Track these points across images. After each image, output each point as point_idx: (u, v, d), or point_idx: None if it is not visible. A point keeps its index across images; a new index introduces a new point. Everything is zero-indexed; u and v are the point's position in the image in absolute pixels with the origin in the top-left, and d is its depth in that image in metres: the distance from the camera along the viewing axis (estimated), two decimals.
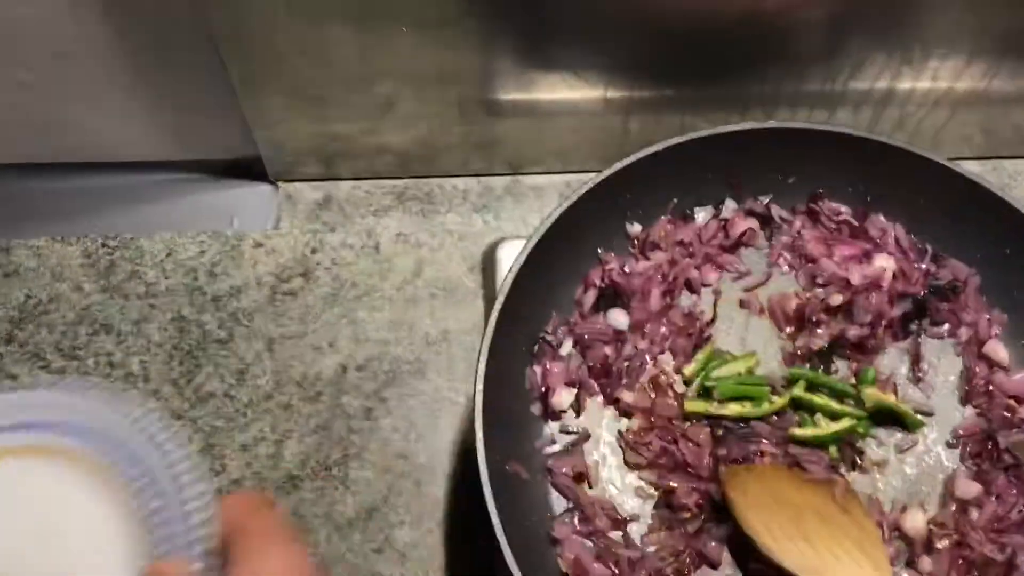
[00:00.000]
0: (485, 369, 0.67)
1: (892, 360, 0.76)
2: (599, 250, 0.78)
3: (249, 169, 0.91)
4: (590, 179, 0.74)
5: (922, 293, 0.76)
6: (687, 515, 0.69)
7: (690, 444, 0.70)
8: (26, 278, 0.86)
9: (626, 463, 0.72)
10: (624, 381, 0.74)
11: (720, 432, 0.71)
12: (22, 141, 0.87)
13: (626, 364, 0.74)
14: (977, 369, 0.75)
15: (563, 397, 0.73)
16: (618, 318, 0.76)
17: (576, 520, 0.70)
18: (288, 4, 0.71)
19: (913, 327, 0.76)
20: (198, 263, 0.87)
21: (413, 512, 0.78)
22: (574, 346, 0.75)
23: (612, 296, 0.77)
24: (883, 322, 0.75)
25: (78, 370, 0.82)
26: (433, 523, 0.77)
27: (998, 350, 0.75)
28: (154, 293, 0.85)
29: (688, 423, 0.72)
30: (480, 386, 0.66)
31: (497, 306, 0.69)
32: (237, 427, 0.80)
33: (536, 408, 0.73)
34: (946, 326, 0.76)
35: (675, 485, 0.70)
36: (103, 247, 0.87)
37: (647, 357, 0.75)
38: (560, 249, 0.75)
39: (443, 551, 0.77)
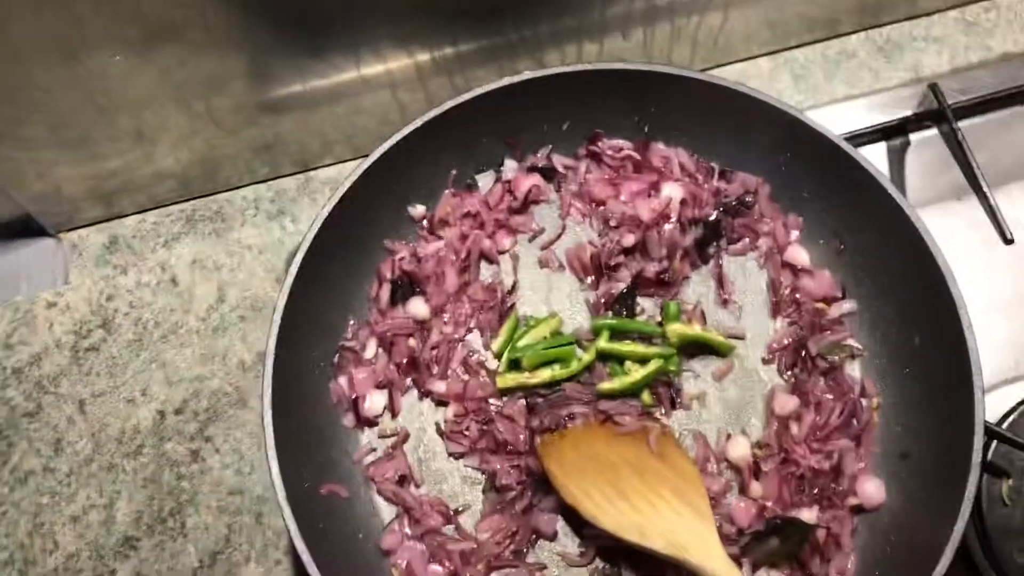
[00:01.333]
0: (272, 397, 0.65)
1: (697, 288, 0.75)
2: (386, 241, 0.75)
3: (26, 227, 0.86)
4: (351, 172, 0.70)
5: (714, 214, 0.75)
6: (513, 494, 0.68)
7: (505, 421, 0.69)
8: None
9: (448, 453, 0.71)
10: (435, 371, 0.72)
11: (535, 402, 0.70)
12: None
13: (434, 353, 0.72)
14: (782, 278, 0.74)
15: (375, 401, 0.71)
16: (417, 307, 0.73)
17: (406, 525, 0.68)
18: None
19: (712, 250, 0.75)
20: None
21: (257, 547, 0.76)
22: (378, 346, 0.73)
23: (408, 286, 0.74)
24: (679, 252, 0.73)
25: None
26: (280, 553, 0.76)
27: (799, 254, 0.74)
28: None
29: (503, 399, 0.70)
30: (268, 417, 0.64)
31: (274, 326, 0.66)
32: (63, 499, 0.77)
33: (348, 420, 0.71)
34: (744, 241, 0.75)
35: (497, 466, 0.68)
36: None
37: (454, 340, 0.73)
38: (344, 249, 0.72)
39: None
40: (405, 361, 0.72)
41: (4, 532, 0.77)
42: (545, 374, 0.71)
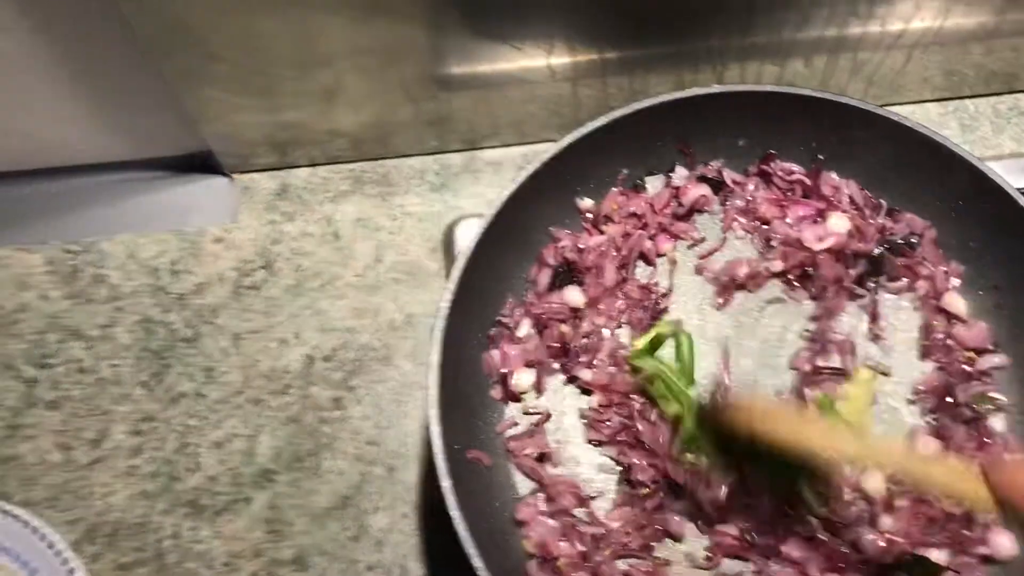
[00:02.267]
0: (440, 358, 0.68)
1: (850, 319, 0.76)
2: (551, 228, 0.78)
3: (204, 163, 0.90)
4: (536, 159, 0.73)
5: (878, 249, 0.76)
6: (646, 491, 0.70)
7: (645, 422, 0.71)
8: None
9: (588, 440, 0.73)
10: (582, 359, 0.74)
11: None
12: None
13: (584, 341, 0.75)
14: (935, 323, 0.75)
15: (523, 378, 0.74)
16: (573, 295, 0.76)
17: (540, 501, 0.71)
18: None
19: (870, 284, 0.76)
20: (160, 263, 0.87)
21: (387, 498, 0.79)
22: (531, 327, 0.76)
23: (567, 273, 0.77)
24: (839, 283, 0.74)
25: (49, 379, 0.83)
26: (407, 508, 0.79)
27: (956, 302, 0.75)
28: (119, 296, 0.86)
29: (644, 400, 0.72)
30: (434, 377, 0.67)
31: (448, 293, 0.69)
32: (209, 425, 0.82)
33: (496, 392, 0.74)
34: (903, 281, 0.76)
35: (635, 461, 0.70)
36: (66, 252, 0.88)
37: (604, 332, 0.75)
38: (512, 230, 0.75)
39: (419, 535, 0.78)
40: (556, 345, 0.75)
41: (153, 446, 0.81)
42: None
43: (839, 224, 0.76)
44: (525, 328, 0.76)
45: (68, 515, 0.79)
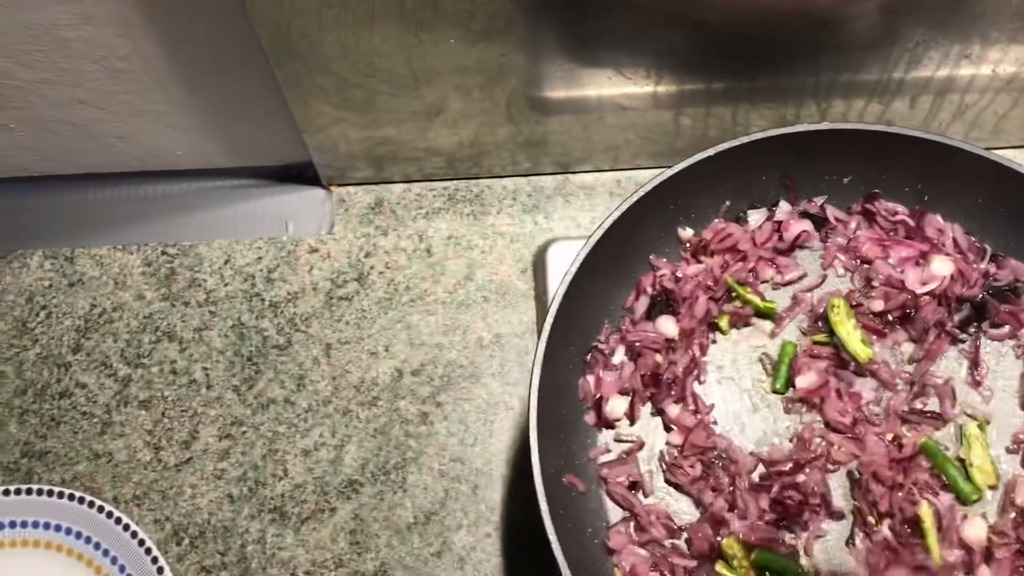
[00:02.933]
0: (540, 381, 0.68)
1: (950, 364, 0.75)
2: (651, 256, 0.78)
3: (302, 174, 0.92)
4: (641, 186, 0.73)
5: (981, 295, 0.75)
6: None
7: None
8: (90, 287, 0.88)
9: (666, 481, 0.73)
10: (673, 392, 0.74)
11: None
12: (83, 153, 0.89)
13: (675, 374, 0.74)
14: None
15: (616, 405, 0.74)
16: (667, 325, 0.76)
17: (631, 529, 0.71)
18: (334, 11, 0.71)
19: (972, 329, 0.75)
20: (255, 269, 0.88)
21: (470, 516, 0.79)
22: (626, 354, 0.76)
23: (664, 303, 0.77)
24: (941, 328, 0.74)
25: (143, 378, 0.85)
26: (490, 527, 0.79)
27: None
28: (214, 300, 0.87)
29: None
30: (534, 400, 0.67)
31: (550, 316, 0.70)
32: (298, 432, 0.82)
33: (590, 417, 0.74)
34: (1006, 328, 0.75)
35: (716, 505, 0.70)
36: (163, 255, 0.89)
37: (694, 366, 0.75)
38: (612, 255, 0.75)
39: (501, 555, 0.78)
40: (649, 374, 0.75)
41: (241, 450, 0.82)
42: None
43: (942, 268, 0.75)
44: (620, 355, 0.76)
45: (155, 514, 0.80)
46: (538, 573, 0.77)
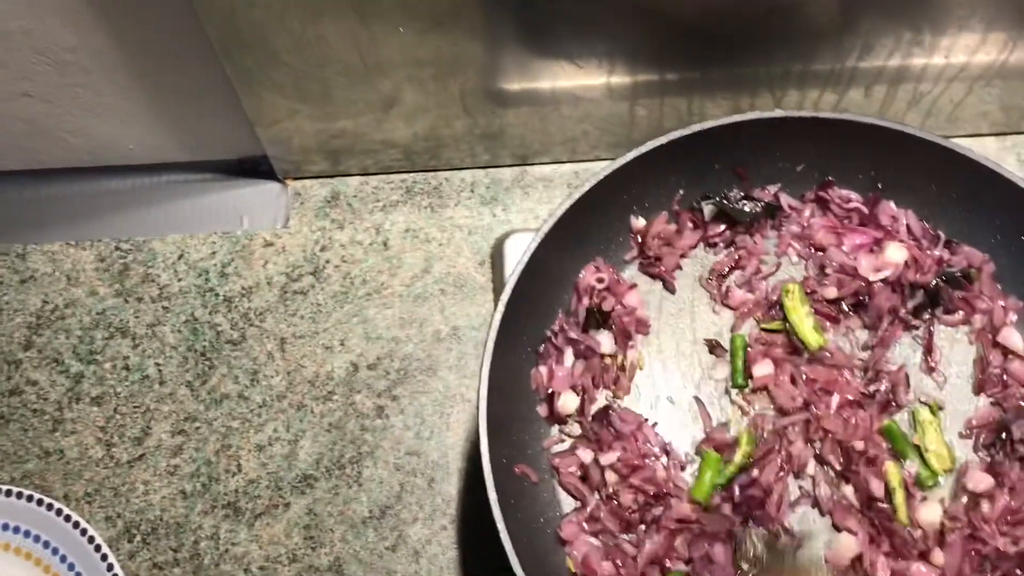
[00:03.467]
0: (489, 372, 0.67)
1: (903, 351, 0.75)
2: (590, 263, 0.77)
3: (257, 168, 0.91)
4: (592, 176, 0.73)
5: (935, 282, 0.75)
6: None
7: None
8: (42, 283, 0.87)
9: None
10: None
11: None
12: (31, 148, 0.87)
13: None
14: (991, 358, 0.73)
15: (568, 401, 0.73)
16: (605, 341, 0.75)
17: (583, 519, 0.70)
18: (282, 3, 0.71)
19: (926, 316, 0.75)
20: (210, 264, 0.87)
21: (426, 509, 0.79)
22: (574, 355, 0.75)
23: (601, 315, 0.76)
24: (894, 315, 0.74)
25: (95, 374, 0.83)
26: (446, 520, 0.78)
27: (1013, 338, 0.73)
28: (167, 295, 0.86)
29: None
30: (484, 390, 0.66)
31: (501, 306, 0.69)
32: (252, 427, 0.82)
33: (542, 409, 0.73)
34: (959, 314, 0.75)
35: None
36: (116, 250, 0.88)
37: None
38: (565, 245, 0.74)
39: (457, 547, 0.78)
40: (598, 374, 0.74)
41: (194, 446, 0.81)
42: None
43: (896, 254, 0.75)
44: (570, 356, 0.75)
45: (107, 511, 0.79)
46: (494, 565, 0.76)
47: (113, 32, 0.75)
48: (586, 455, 0.71)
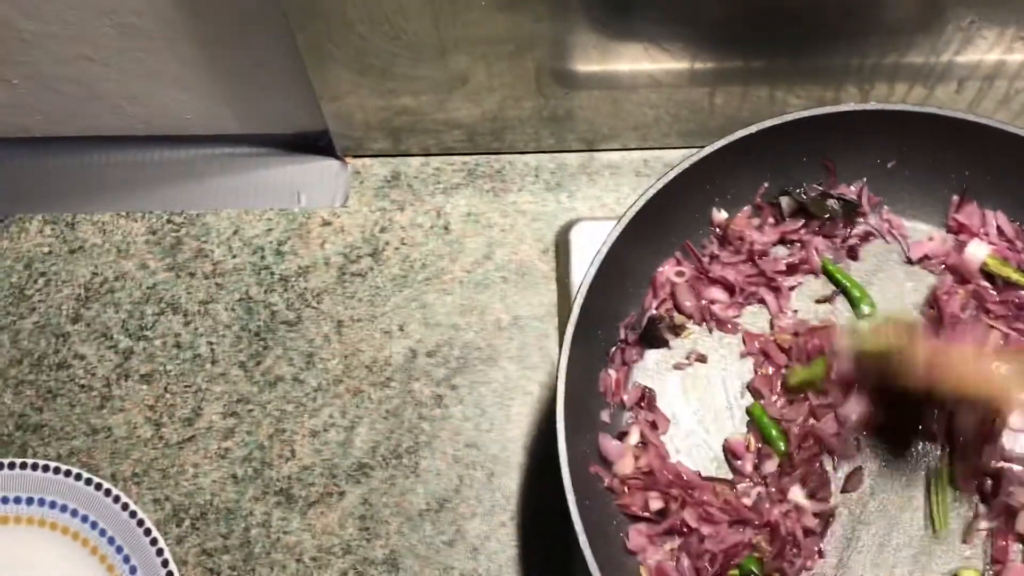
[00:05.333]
0: (567, 365, 0.64)
1: None
2: (677, 248, 0.74)
3: (316, 144, 0.88)
4: (676, 165, 0.70)
5: None
6: None
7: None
8: (92, 254, 0.85)
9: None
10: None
11: None
12: (87, 114, 0.85)
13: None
14: None
15: (624, 466, 0.69)
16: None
17: (652, 529, 0.67)
18: None
19: None
20: (265, 241, 0.85)
21: (485, 504, 0.76)
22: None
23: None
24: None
25: (145, 351, 0.81)
26: (506, 516, 0.76)
27: None
28: (221, 272, 0.84)
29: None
30: (562, 385, 0.64)
31: (578, 301, 0.66)
32: (307, 412, 0.79)
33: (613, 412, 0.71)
34: None
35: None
36: (168, 223, 0.86)
37: None
38: (641, 237, 0.71)
39: (516, 545, 0.75)
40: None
41: (247, 429, 0.78)
42: None
43: (980, 250, 0.72)
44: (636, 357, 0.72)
45: (155, 493, 0.77)
46: (554, 566, 0.74)
47: None
48: None
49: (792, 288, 0.74)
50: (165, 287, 0.83)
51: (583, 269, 0.67)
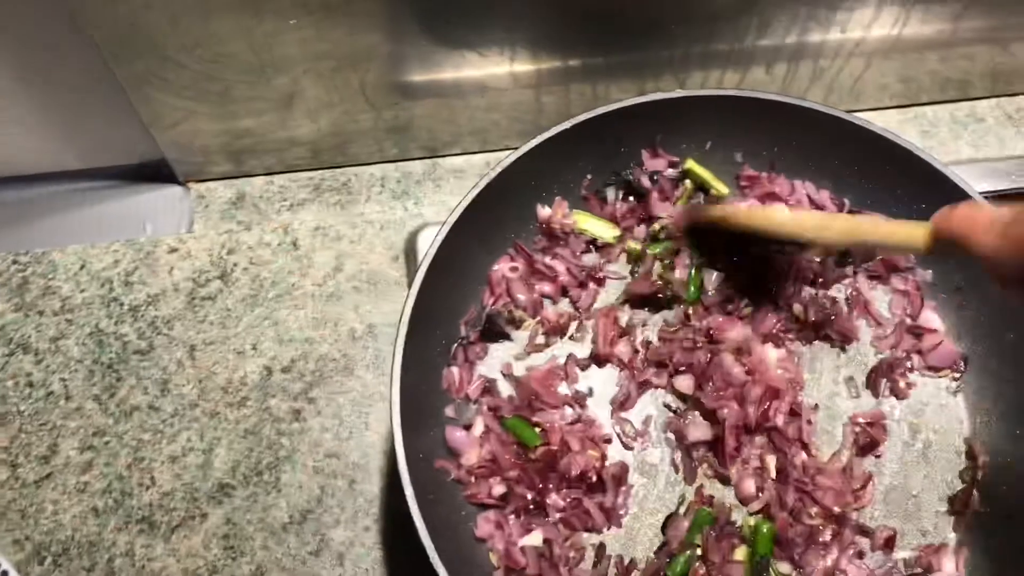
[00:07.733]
0: (401, 368, 0.66)
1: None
2: (511, 244, 0.77)
3: (158, 172, 0.88)
4: (497, 165, 0.72)
5: None
6: None
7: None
8: None
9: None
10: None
11: None
12: None
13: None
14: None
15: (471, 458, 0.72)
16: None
17: (499, 515, 0.69)
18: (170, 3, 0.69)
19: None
20: (113, 273, 0.85)
21: (348, 511, 0.77)
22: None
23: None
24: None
25: None
26: (369, 521, 0.77)
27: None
28: (70, 308, 0.83)
29: None
30: (396, 387, 0.65)
31: (409, 303, 0.68)
32: (164, 438, 0.79)
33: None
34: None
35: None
36: (14, 264, 0.85)
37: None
38: (474, 237, 0.73)
39: (381, 547, 0.76)
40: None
41: (104, 461, 0.78)
42: None
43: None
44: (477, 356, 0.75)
45: (14, 534, 0.76)
46: (419, 566, 0.75)
47: None
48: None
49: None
50: (14, 327, 0.83)
51: None
